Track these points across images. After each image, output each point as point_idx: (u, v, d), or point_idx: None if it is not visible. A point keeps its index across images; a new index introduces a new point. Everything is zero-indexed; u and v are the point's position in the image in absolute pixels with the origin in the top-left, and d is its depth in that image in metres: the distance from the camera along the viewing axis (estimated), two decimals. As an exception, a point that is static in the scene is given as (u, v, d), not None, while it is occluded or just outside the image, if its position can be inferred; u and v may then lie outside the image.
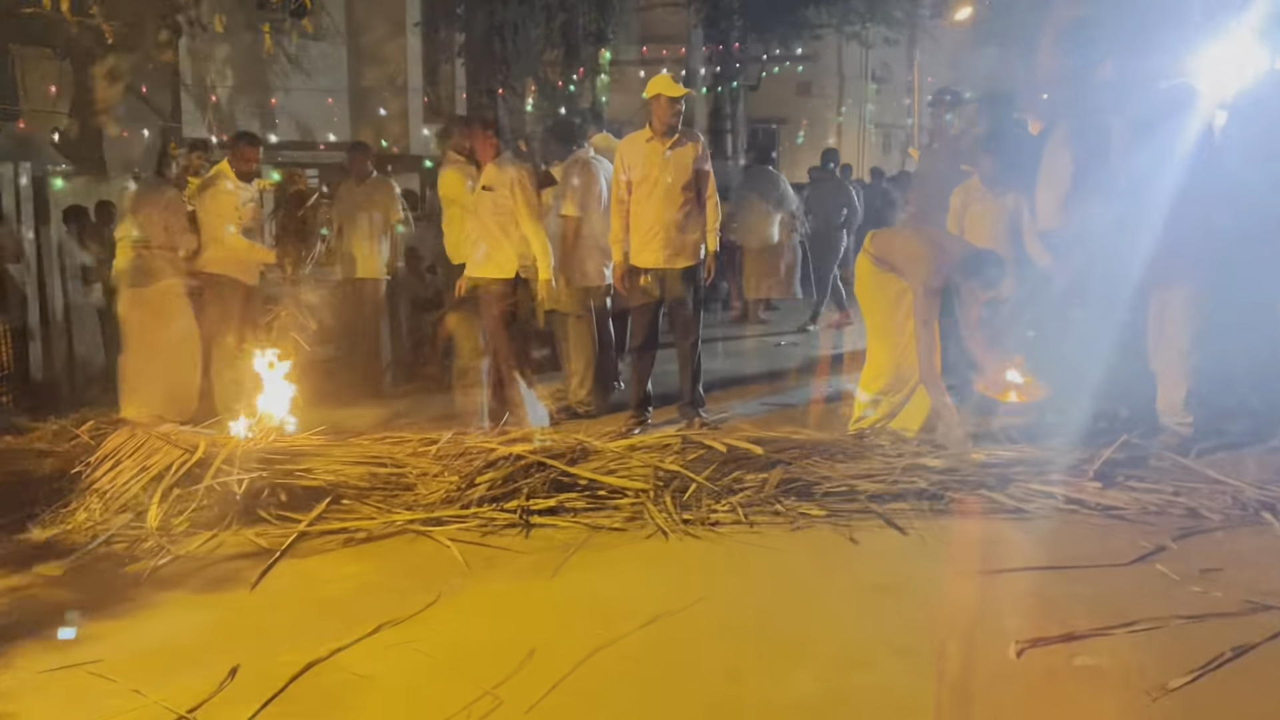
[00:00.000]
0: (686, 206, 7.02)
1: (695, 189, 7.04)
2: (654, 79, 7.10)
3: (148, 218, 7.40)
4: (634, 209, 7.06)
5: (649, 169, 7.00)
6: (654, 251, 7.05)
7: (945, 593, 4.47)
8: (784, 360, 10.09)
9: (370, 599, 4.49)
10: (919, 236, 6.56)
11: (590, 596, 4.47)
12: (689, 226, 7.05)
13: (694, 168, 7.01)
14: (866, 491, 5.43)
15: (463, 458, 5.96)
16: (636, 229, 7.07)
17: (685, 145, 7.03)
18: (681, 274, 7.11)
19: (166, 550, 4.99)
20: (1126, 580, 4.51)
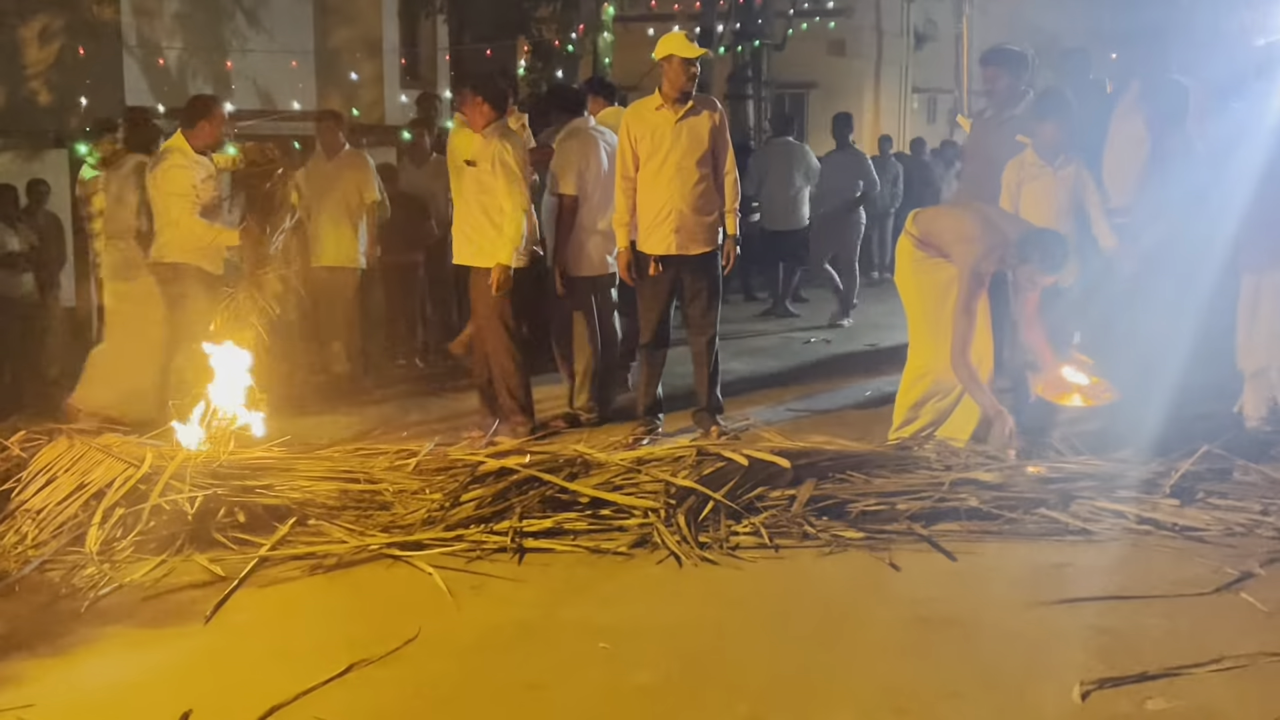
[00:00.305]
0: (701, 184, 7.00)
1: (712, 164, 7.03)
2: (665, 37, 7.09)
3: (122, 203, 7.47)
4: (642, 187, 7.04)
5: (658, 141, 6.98)
6: (664, 236, 7.04)
7: (999, 627, 4.46)
8: (814, 360, 10.09)
9: (340, 634, 4.49)
10: (969, 214, 6.57)
11: (593, 631, 4.47)
12: (704, 207, 7.04)
13: (710, 139, 7.00)
14: (909, 510, 5.44)
15: (447, 473, 5.97)
16: (644, 210, 7.06)
17: (700, 114, 7.01)
18: (696, 261, 7.10)
19: (108, 578, 4.99)
20: (1207, 611, 4.50)
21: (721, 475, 5.68)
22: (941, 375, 6.48)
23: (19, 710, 3.92)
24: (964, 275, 6.21)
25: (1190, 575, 4.80)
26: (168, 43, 13.43)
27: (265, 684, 4.04)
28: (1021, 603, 4.63)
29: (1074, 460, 5.98)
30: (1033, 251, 6.14)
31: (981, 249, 6.21)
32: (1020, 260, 6.18)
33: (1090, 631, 4.35)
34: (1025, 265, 6.18)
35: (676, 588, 4.90)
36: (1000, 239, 6.24)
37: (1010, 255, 6.20)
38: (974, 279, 6.18)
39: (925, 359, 6.57)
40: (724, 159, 7.07)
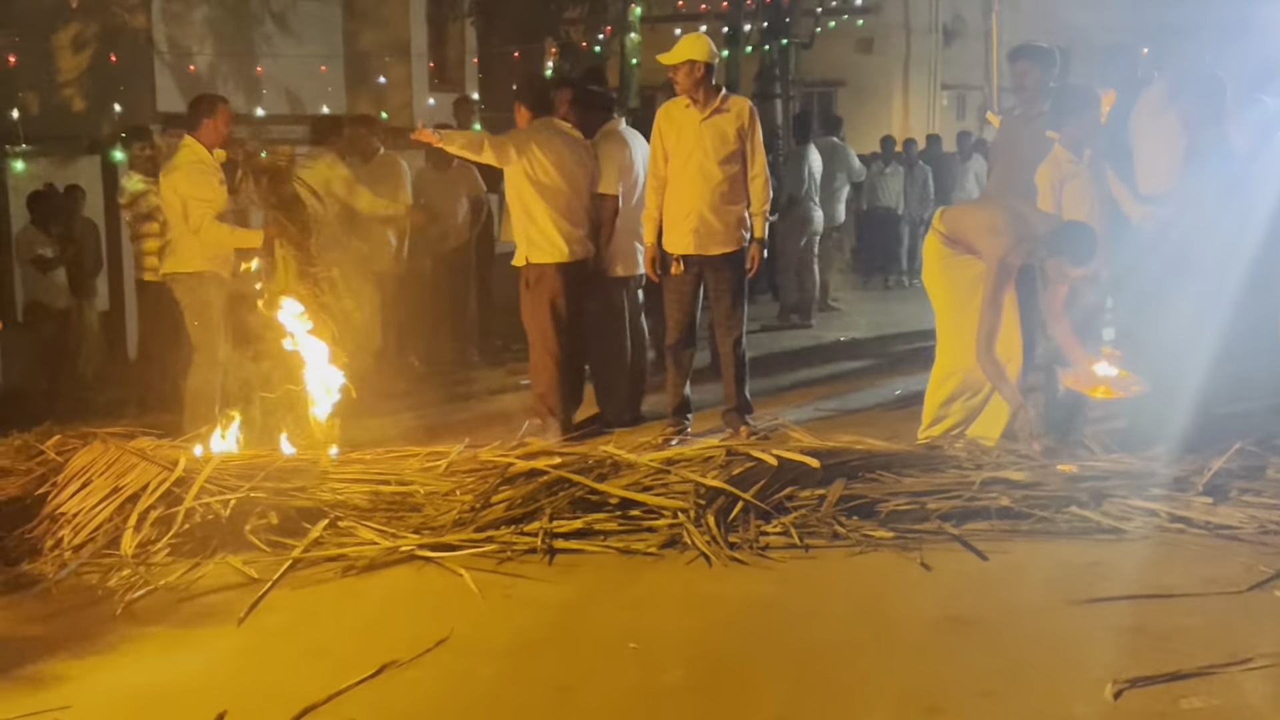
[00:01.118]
0: (725, 184, 7.01)
1: (741, 164, 7.04)
2: (677, 44, 7.10)
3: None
4: (669, 185, 7.07)
5: (684, 139, 7.00)
6: (685, 234, 7.06)
7: (1031, 626, 4.45)
8: (844, 358, 10.08)
9: (372, 636, 4.52)
10: (996, 207, 6.56)
11: (624, 632, 4.48)
12: (726, 208, 7.04)
13: (737, 139, 7.00)
14: (939, 510, 5.42)
15: (477, 474, 6.00)
16: (669, 208, 7.08)
17: (726, 112, 7.02)
18: (718, 261, 7.11)
19: (143, 581, 5.03)
20: (1241, 609, 4.47)
21: (751, 475, 5.68)
22: (970, 373, 6.46)
23: (56, 711, 3.96)
24: (991, 267, 6.20)
25: (1223, 573, 4.77)
26: (198, 48, 13.50)
27: (298, 685, 4.07)
28: (1053, 602, 4.62)
29: (1105, 458, 5.95)
30: (1063, 244, 6.11)
31: (1009, 241, 6.20)
32: (1051, 253, 6.16)
33: (1122, 630, 4.33)
34: (1056, 258, 6.15)
35: (706, 588, 4.90)
36: (1028, 231, 6.22)
37: (1039, 248, 6.18)
38: (1001, 271, 6.17)
39: (954, 357, 6.55)
40: (752, 159, 7.06)
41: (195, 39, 13.49)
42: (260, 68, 14.29)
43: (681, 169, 7.01)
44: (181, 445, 6.23)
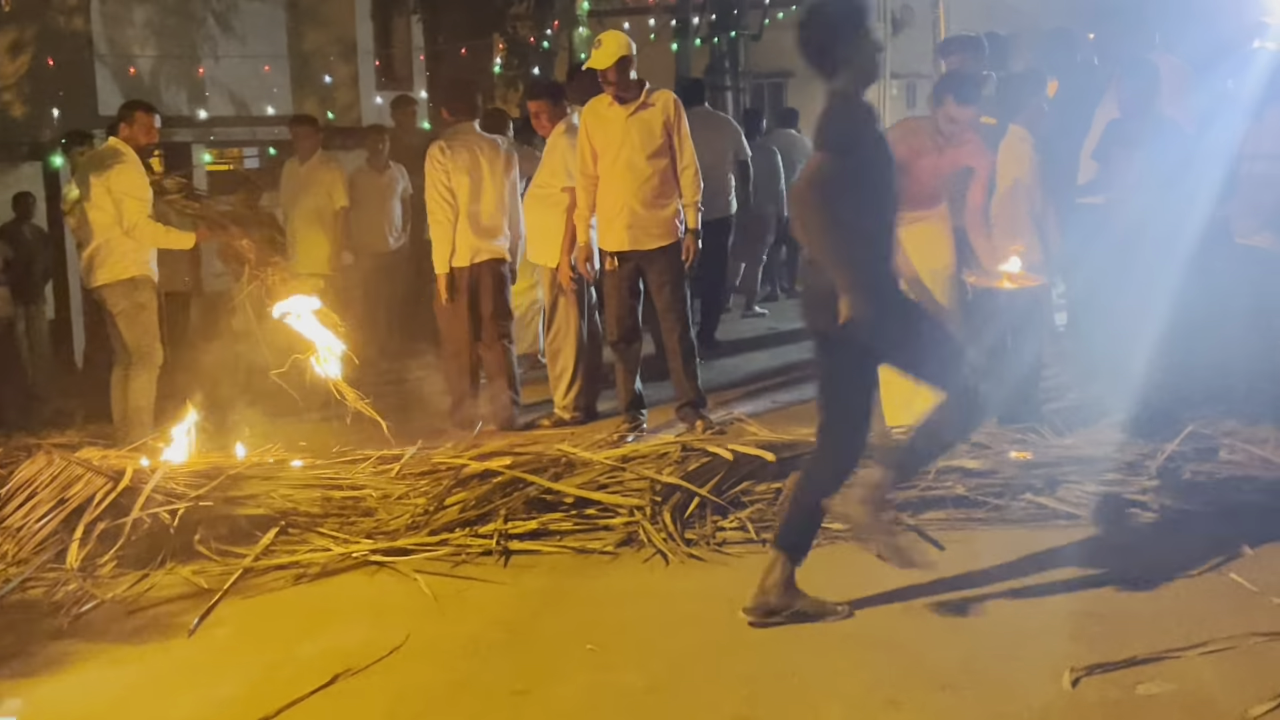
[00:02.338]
0: (655, 179, 6.97)
1: (668, 157, 7.02)
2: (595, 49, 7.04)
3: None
4: (600, 184, 7.07)
5: (611, 137, 6.99)
6: (619, 231, 7.04)
7: (989, 615, 4.45)
8: (797, 349, 10.06)
9: (326, 644, 4.47)
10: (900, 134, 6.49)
11: (581, 632, 4.45)
12: (658, 202, 7.01)
13: (663, 133, 6.98)
14: (895, 500, 5.41)
15: (430, 476, 5.95)
16: (602, 206, 7.08)
17: (651, 106, 6.98)
18: (654, 256, 7.08)
19: (90, 594, 4.96)
20: (1196, 593, 4.50)
21: (706, 470, 5.66)
22: None
23: (1, 731, 3.90)
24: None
25: (1178, 557, 4.79)
26: (139, 50, 13.35)
27: (251, 696, 4.03)
28: (1010, 590, 4.62)
29: (1059, 443, 5.98)
30: (946, 86, 6.13)
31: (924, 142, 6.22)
32: (937, 102, 6.13)
33: (1079, 617, 4.34)
34: (942, 104, 6.11)
35: (663, 586, 4.88)
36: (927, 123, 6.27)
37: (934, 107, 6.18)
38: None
39: None
40: (681, 152, 7.04)
41: (136, 41, 13.34)
42: (203, 69, 14.14)
43: (611, 166, 7.00)
44: (128, 455, 6.14)
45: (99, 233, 7.21)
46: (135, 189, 7.17)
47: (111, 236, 7.19)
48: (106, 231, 7.19)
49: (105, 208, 7.16)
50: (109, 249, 7.21)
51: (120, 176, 7.17)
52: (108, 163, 7.24)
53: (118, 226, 7.16)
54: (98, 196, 7.19)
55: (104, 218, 7.18)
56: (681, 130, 7.03)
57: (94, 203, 7.22)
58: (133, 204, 7.14)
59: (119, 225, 7.15)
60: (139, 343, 7.25)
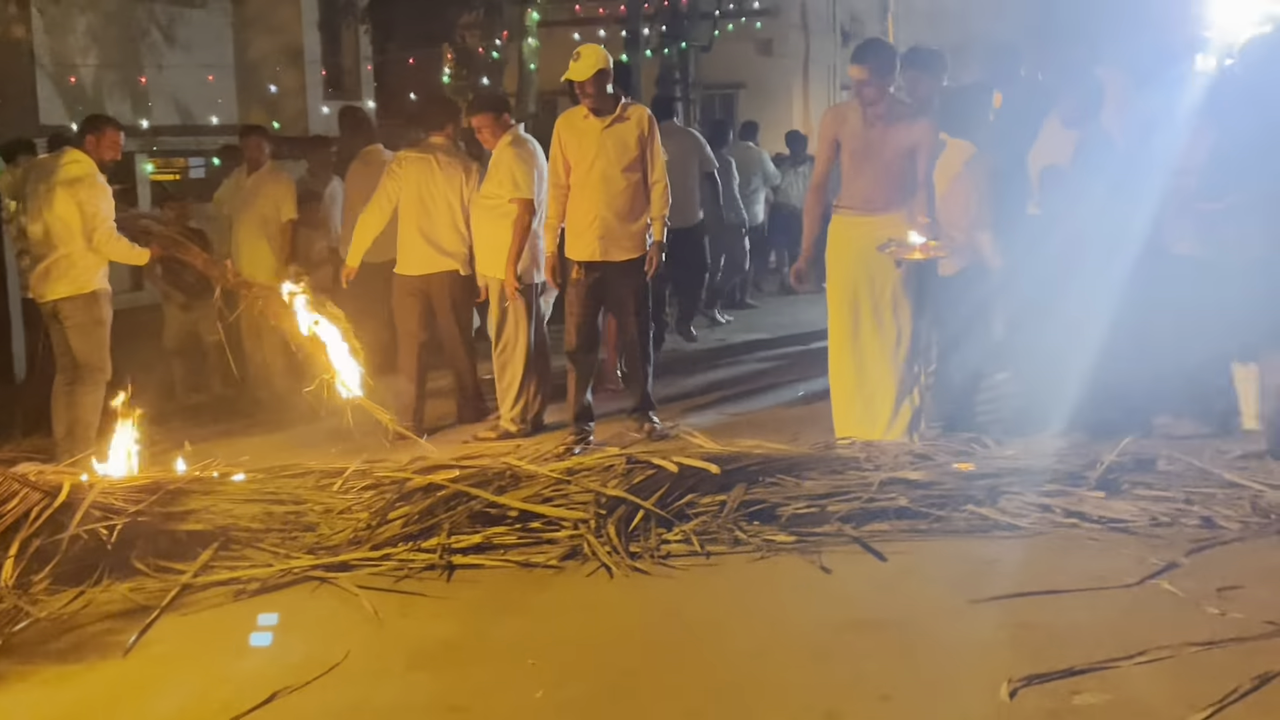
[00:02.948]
0: (627, 191, 7.06)
1: (640, 171, 7.08)
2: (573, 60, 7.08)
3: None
4: (571, 194, 7.12)
5: (585, 149, 7.05)
6: (590, 242, 7.10)
7: (930, 626, 4.48)
8: (747, 361, 10.12)
9: (265, 661, 4.44)
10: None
11: (523, 647, 4.44)
12: (630, 214, 7.09)
13: (638, 146, 7.05)
14: (839, 512, 5.45)
15: (373, 490, 5.92)
16: (571, 217, 7.13)
17: (626, 120, 7.07)
18: (621, 267, 7.13)
19: (24, 612, 4.88)
20: (1133, 603, 4.55)
21: (651, 483, 5.66)
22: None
23: (-70, 754, 3.83)
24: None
25: (1116, 567, 4.85)
26: (81, 60, 13.22)
27: (188, 715, 4.00)
28: (951, 601, 4.66)
29: (1000, 454, 6.04)
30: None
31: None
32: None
33: (1019, 627, 4.38)
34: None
35: (608, 599, 4.88)
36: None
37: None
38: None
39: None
40: (652, 166, 7.12)
41: (78, 50, 13.21)
42: (146, 78, 14.02)
43: (584, 177, 7.06)
44: (66, 470, 6.06)
45: (60, 244, 7.11)
46: (105, 204, 7.13)
47: (74, 249, 7.11)
48: (69, 244, 7.10)
49: (70, 220, 7.08)
50: (69, 262, 7.12)
51: (90, 191, 7.10)
52: (73, 174, 7.14)
53: (80, 239, 7.08)
54: (62, 208, 7.08)
55: (67, 230, 7.09)
56: (654, 145, 7.13)
57: (57, 214, 7.10)
58: (104, 219, 7.10)
59: (81, 238, 7.08)
60: (90, 357, 7.18)
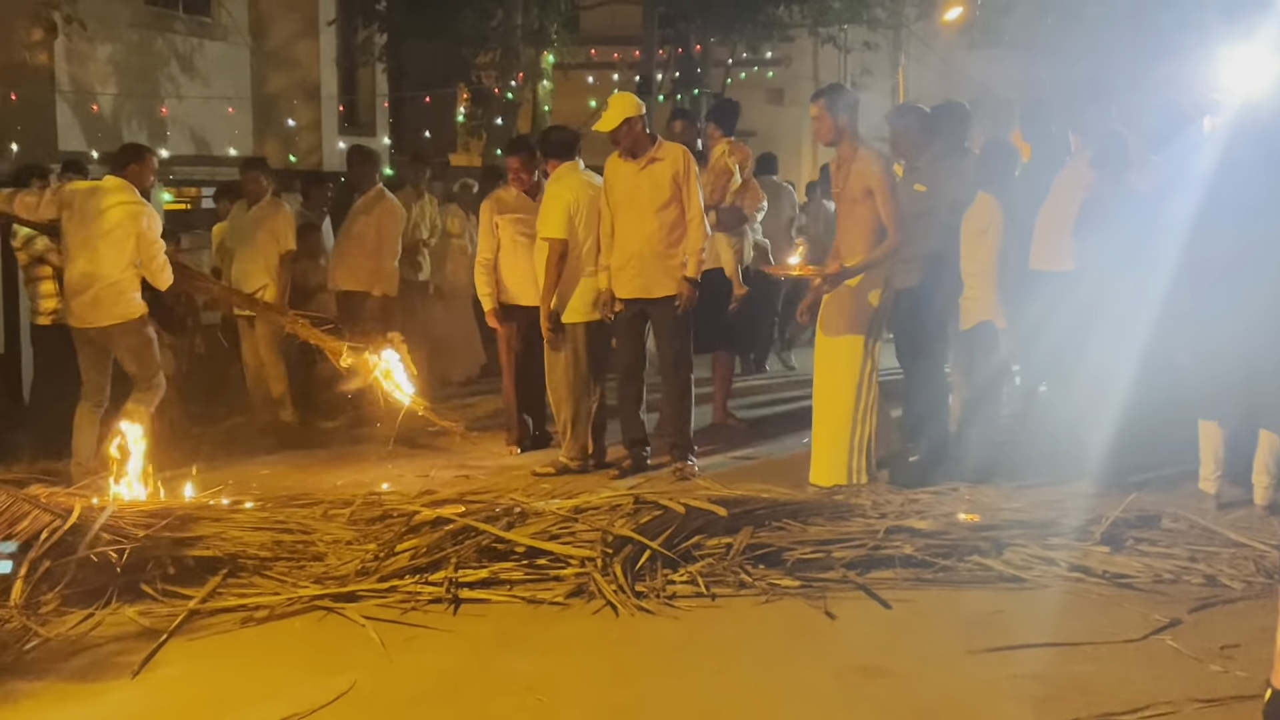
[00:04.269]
0: (663, 230, 7.21)
1: (678, 209, 7.23)
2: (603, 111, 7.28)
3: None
4: (615, 233, 7.30)
5: (625, 190, 7.26)
6: (629, 279, 7.27)
7: (933, 675, 4.49)
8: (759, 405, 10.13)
9: (271, 689, 4.45)
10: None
11: (528, 683, 4.45)
12: (666, 252, 7.24)
13: (672, 186, 7.19)
14: (845, 558, 5.48)
15: (381, 522, 5.95)
16: (615, 254, 7.30)
17: (661, 160, 7.22)
18: (660, 304, 7.27)
19: (34, 632, 4.90)
20: (1136, 658, 4.57)
21: (659, 523, 5.69)
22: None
23: (-61, 769, 3.85)
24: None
25: (1120, 622, 4.87)
26: (101, 88, 13.33)
27: (194, 740, 4.00)
28: (955, 651, 4.67)
29: (1006, 506, 6.07)
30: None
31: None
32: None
33: (1023, 679, 4.40)
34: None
35: (613, 638, 4.89)
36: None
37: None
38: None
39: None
40: (689, 204, 7.23)
41: (99, 78, 13.32)
42: (165, 108, 14.13)
43: (624, 217, 7.26)
44: (77, 492, 6.09)
45: (112, 271, 7.19)
46: (159, 231, 7.30)
47: (124, 276, 7.21)
48: (122, 271, 7.20)
49: (125, 248, 7.18)
50: (120, 289, 7.21)
51: (150, 220, 7.24)
52: (130, 202, 7.23)
53: (130, 266, 7.19)
54: (120, 236, 7.17)
55: (121, 258, 7.19)
56: (691, 183, 7.24)
57: (112, 241, 7.17)
58: (160, 247, 7.26)
59: (131, 265, 7.19)
60: (146, 372, 7.34)
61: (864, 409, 6.83)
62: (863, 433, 6.85)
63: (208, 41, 15.08)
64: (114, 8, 12.94)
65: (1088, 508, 5.96)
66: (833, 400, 6.90)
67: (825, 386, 6.96)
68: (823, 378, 6.99)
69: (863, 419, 6.84)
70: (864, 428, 6.85)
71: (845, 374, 6.84)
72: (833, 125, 6.83)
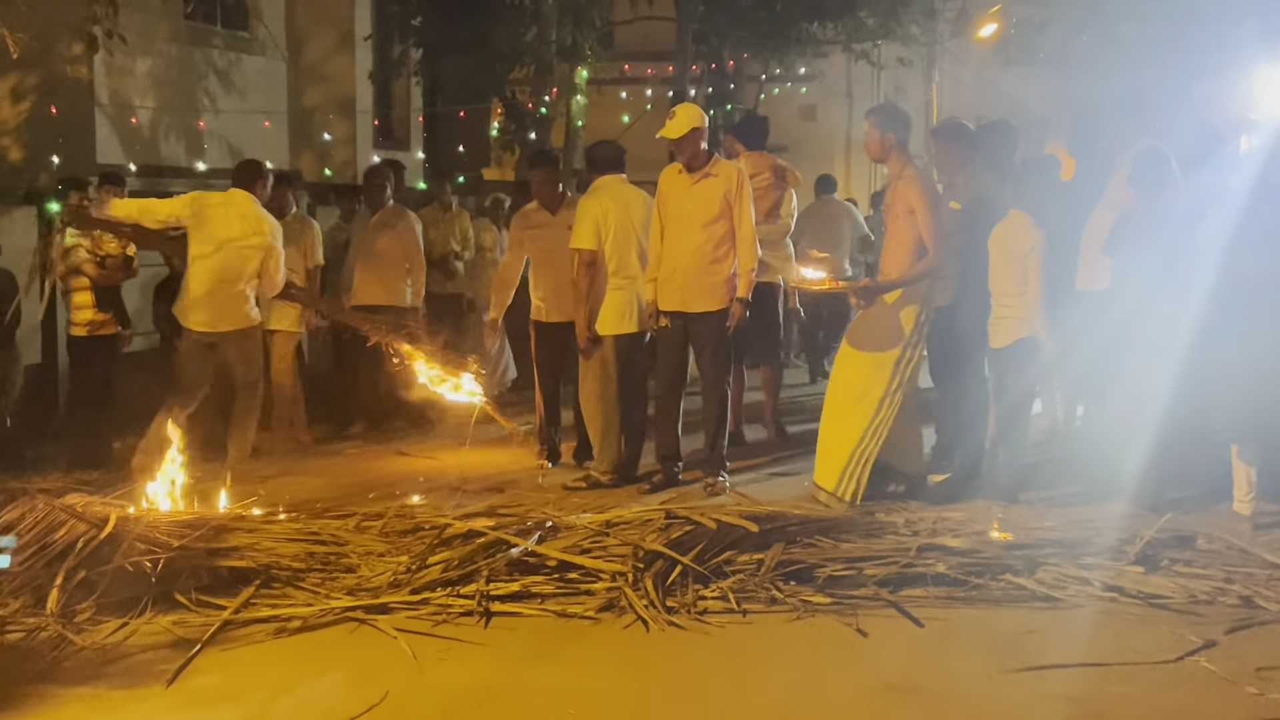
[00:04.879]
0: (709, 245, 7.24)
1: (727, 225, 7.25)
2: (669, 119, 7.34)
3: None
4: (663, 246, 7.32)
5: (676, 203, 7.29)
6: (672, 292, 7.31)
7: (966, 695, 4.48)
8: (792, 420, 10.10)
9: (303, 699, 4.48)
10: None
11: (559, 697, 4.46)
12: (712, 268, 7.26)
13: (722, 203, 7.23)
14: (876, 576, 5.46)
15: (413, 535, 5.97)
16: (661, 268, 7.34)
17: (715, 176, 7.27)
18: (701, 319, 7.29)
19: (69, 640, 4.95)
20: (1171, 680, 4.53)
21: (690, 538, 5.70)
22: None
23: (-25, 775, 3.88)
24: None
25: (1154, 643, 4.83)
26: (140, 102, 13.45)
27: (227, 749, 4.02)
28: (988, 670, 4.65)
29: (1040, 525, 6.04)
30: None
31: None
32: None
33: (1056, 700, 4.37)
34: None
35: (643, 653, 4.90)
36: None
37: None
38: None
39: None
40: (740, 222, 7.26)
41: (137, 92, 13.44)
42: (203, 122, 14.25)
43: (672, 231, 7.30)
44: (113, 502, 6.14)
45: (237, 280, 7.47)
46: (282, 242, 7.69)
47: (249, 285, 7.55)
48: (246, 281, 7.51)
49: (250, 258, 7.50)
50: (243, 297, 7.54)
51: (276, 234, 7.65)
52: (263, 216, 7.62)
53: (255, 276, 7.54)
54: (257, 244, 7.50)
55: (247, 267, 7.51)
56: (743, 201, 7.27)
57: (241, 250, 7.47)
58: (282, 257, 7.68)
59: (256, 274, 7.54)
60: (255, 376, 7.75)
61: (877, 424, 6.79)
62: (867, 448, 6.79)
63: (245, 56, 15.20)
64: (153, 22, 13.06)
65: (1122, 527, 5.93)
66: (847, 409, 6.89)
67: (841, 393, 6.97)
68: (840, 384, 7.01)
69: (873, 434, 6.79)
70: (870, 443, 6.79)
71: (868, 386, 6.82)
72: (880, 142, 6.89)
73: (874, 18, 19.68)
